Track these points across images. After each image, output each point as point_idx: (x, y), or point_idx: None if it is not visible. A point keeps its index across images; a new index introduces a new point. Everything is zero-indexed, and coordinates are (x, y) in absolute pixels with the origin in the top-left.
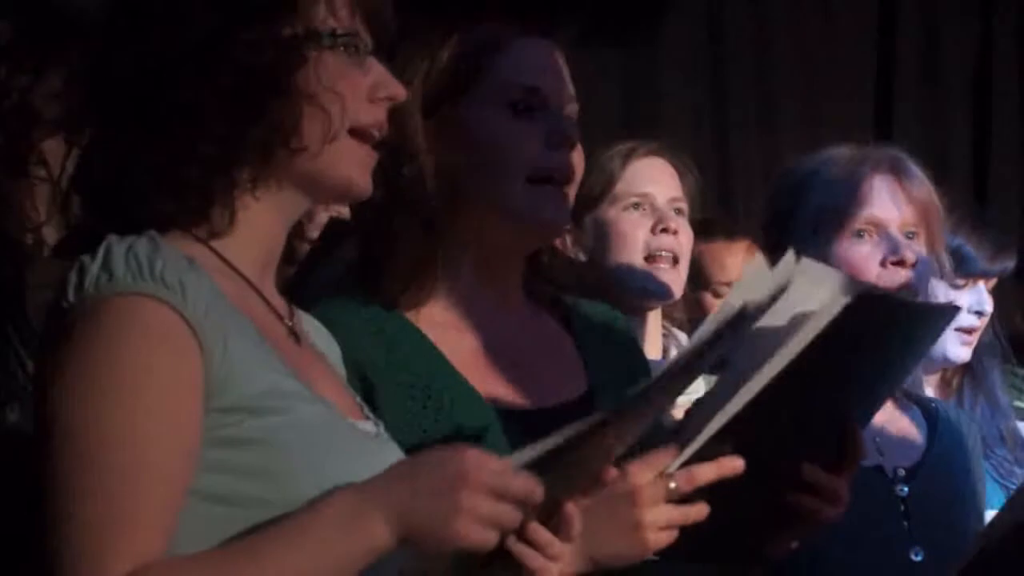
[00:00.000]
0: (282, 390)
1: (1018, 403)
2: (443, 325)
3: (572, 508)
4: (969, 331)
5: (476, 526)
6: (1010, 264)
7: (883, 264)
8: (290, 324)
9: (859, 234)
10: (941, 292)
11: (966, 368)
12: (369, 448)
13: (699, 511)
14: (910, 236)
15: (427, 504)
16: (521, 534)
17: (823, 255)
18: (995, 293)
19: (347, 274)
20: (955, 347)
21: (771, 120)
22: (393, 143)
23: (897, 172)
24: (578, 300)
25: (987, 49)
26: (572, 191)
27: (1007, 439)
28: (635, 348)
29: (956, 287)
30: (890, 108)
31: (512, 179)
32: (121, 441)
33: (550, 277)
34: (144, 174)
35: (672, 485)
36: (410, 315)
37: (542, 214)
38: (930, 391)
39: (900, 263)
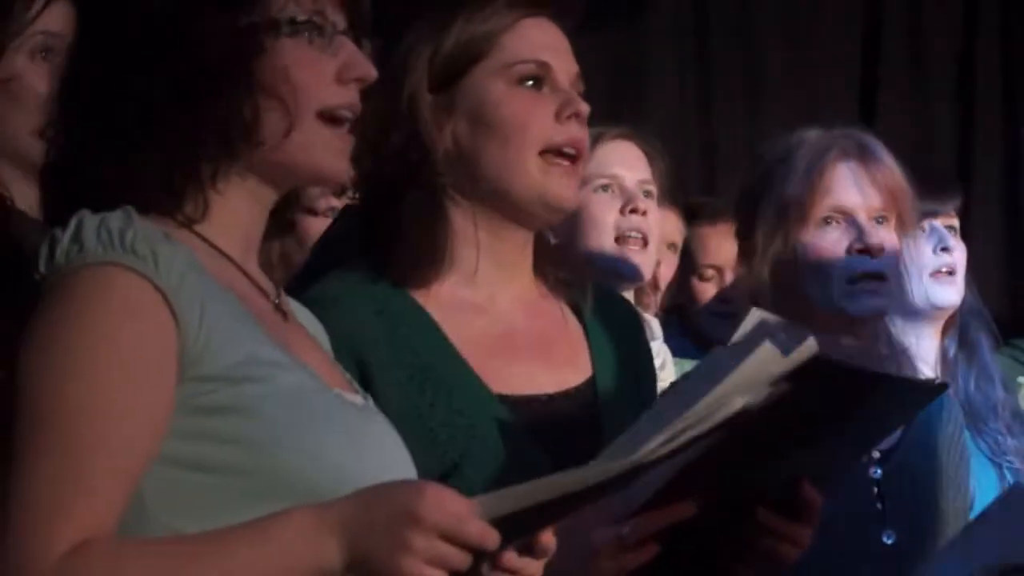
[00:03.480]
0: (262, 359)
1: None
2: (450, 305)
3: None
4: (948, 272)
5: (421, 566)
6: (957, 199)
7: (849, 251)
8: (276, 301)
9: (825, 221)
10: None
11: (960, 342)
12: (354, 418)
13: (649, 552)
14: (880, 222)
15: (379, 536)
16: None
17: (790, 243)
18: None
19: (354, 252)
20: (936, 291)
21: (756, 103)
22: (402, 121)
23: (863, 157)
24: (590, 284)
25: (971, 30)
26: (582, 168)
27: (1000, 411)
28: (641, 336)
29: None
30: (874, 92)
31: (524, 153)
32: (82, 410)
33: (563, 259)
34: (108, 169)
35: (624, 532)
36: (417, 294)
37: (555, 189)
38: (928, 360)
39: (866, 250)
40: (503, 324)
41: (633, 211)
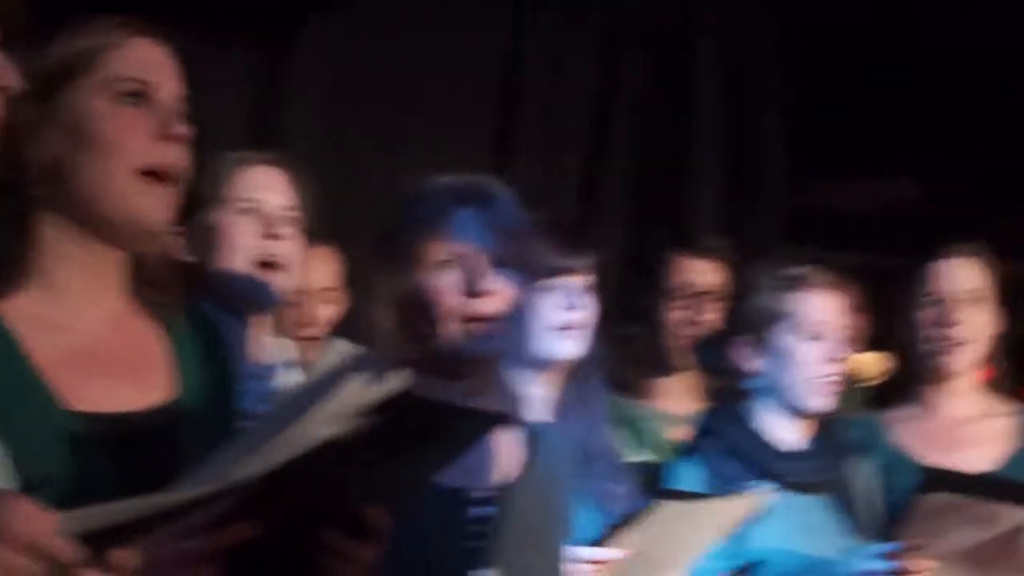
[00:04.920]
0: None
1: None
2: (34, 320)
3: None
4: (567, 328)
5: None
6: (586, 259)
7: (463, 294)
8: None
9: (442, 265)
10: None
11: (578, 391)
12: None
13: (212, 571)
14: (498, 267)
15: None
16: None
17: (406, 285)
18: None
19: None
20: (556, 344)
21: (393, 145)
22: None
23: (483, 204)
24: (182, 304)
25: (607, 92)
26: (178, 192)
27: (608, 457)
28: (230, 359)
29: (543, 289)
30: (508, 142)
31: (118, 171)
32: None
33: (156, 278)
34: None
35: (184, 546)
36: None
37: (144, 210)
38: (543, 407)
39: (480, 294)
40: (87, 341)
41: (273, 236)
